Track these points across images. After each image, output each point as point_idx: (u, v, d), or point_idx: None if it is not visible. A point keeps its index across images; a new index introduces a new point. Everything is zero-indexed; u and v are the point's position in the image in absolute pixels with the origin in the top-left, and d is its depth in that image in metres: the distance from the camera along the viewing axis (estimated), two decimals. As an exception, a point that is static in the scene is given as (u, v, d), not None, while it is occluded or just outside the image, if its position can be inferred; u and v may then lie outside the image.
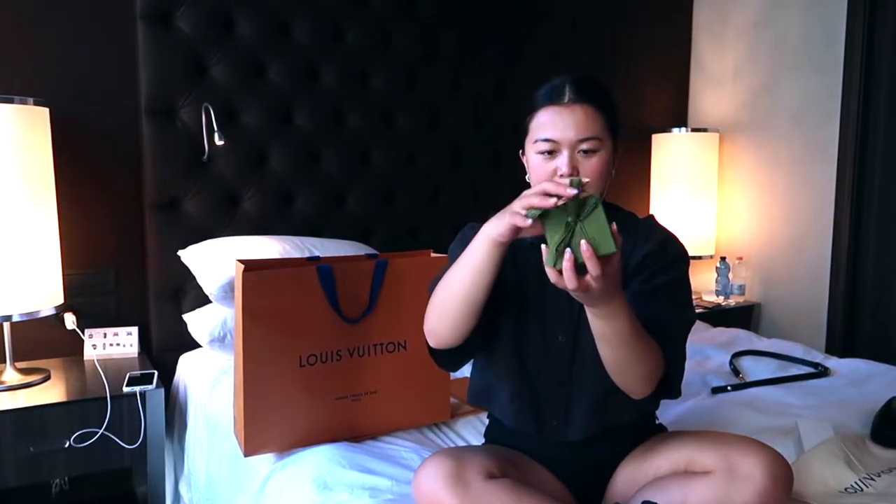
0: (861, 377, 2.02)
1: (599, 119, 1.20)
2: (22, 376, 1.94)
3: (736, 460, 1.14)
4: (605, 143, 1.20)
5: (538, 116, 1.22)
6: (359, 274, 1.55)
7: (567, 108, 1.19)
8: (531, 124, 1.24)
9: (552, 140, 1.19)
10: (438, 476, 1.13)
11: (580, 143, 1.18)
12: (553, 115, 1.20)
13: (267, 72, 2.32)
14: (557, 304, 1.25)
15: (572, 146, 1.19)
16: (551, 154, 1.20)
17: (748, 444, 1.18)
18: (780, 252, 3.07)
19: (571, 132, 1.18)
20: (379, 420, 1.60)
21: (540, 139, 1.20)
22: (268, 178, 2.34)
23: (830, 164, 2.84)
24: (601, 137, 1.20)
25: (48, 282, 1.90)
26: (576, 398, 1.26)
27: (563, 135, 1.19)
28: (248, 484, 1.55)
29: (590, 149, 1.19)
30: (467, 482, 1.13)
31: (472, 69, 2.71)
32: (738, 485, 1.12)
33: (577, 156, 1.19)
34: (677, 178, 3.17)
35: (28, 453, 1.77)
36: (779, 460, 1.15)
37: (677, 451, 1.23)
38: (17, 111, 1.81)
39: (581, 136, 1.18)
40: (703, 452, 1.19)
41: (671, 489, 1.17)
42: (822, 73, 2.86)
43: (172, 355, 2.19)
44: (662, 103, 3.37)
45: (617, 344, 1.09)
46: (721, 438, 1.24)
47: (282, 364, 1.47)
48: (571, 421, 1.27)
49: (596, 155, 1.20)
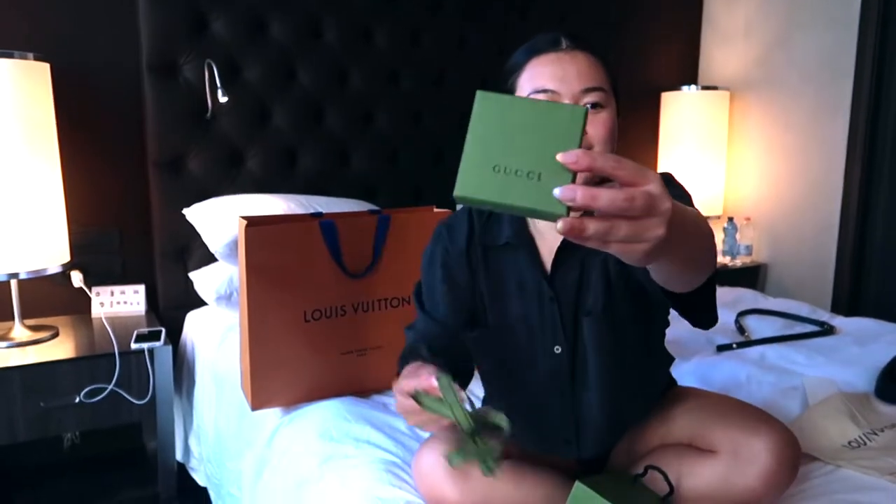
0: (866, 335, 2.01)
1: (603, 70, 1.05)
2: (31, 333, 1.96)
3: (743, 441, 1.08)
4: (610, 98, 1.05)
5: (528, 69, 1.05)
6: (361, 229, 1.54)
7: (566, 52, 1.03)
8: (519, 79, 1.06)
9: (550, 90, 1.01)
10: (438, 464, 1.12)
11: (584, 93, 1.01)
12: (551, 63, 1.02)
13: (269, 28, 2.29)
14: (543, 312, 1.10)
15: (575, 98, 1.01)
16: None
17: (758, 423, 1.10)
18: (788, 212, 3.04)
19: (575, 80, 1.01)
20: (384, 375, 1.61)
21: (534, 92, 1.02)
22: (271, 136, 2.32)
23: (842, 124, 2.79)
24: (607, 90, 1.04)
25: (54, 239, 1.91)
26: (584, 413, 1.15)
27: (565, 83, 1.01)
28: (255, 438, 1.57)
29: (597, 101, 1.02)
30: (466, 473, 1.11)
31: (478, 26, 2.66)
32: (742, 467, 1.06)
33: None
34: (686, 138, 3.13)
35: (39, 408, 1.79)
36: (787, 441, 1.08)
37: (684, 424, 1.17)
38: (18, 66, 1.79)
39: (586, 84, 1.01)
40: (709, 429, 1.13)
41: (671, 465, 1.12)
42: (836, 30, 2.79)
43: (179, 313, 2.20)
44: (672, 60, 3.31)
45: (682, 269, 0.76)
46: (729, 414, 1.14)
47: (286, 319, 1.48)
48: (583, 438, 1.18)
49: (603, 111, 1.03)
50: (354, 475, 1.27)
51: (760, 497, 1.07)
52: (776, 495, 1.10)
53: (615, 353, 1.11)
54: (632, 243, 0.59)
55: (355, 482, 1.25)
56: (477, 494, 1.10)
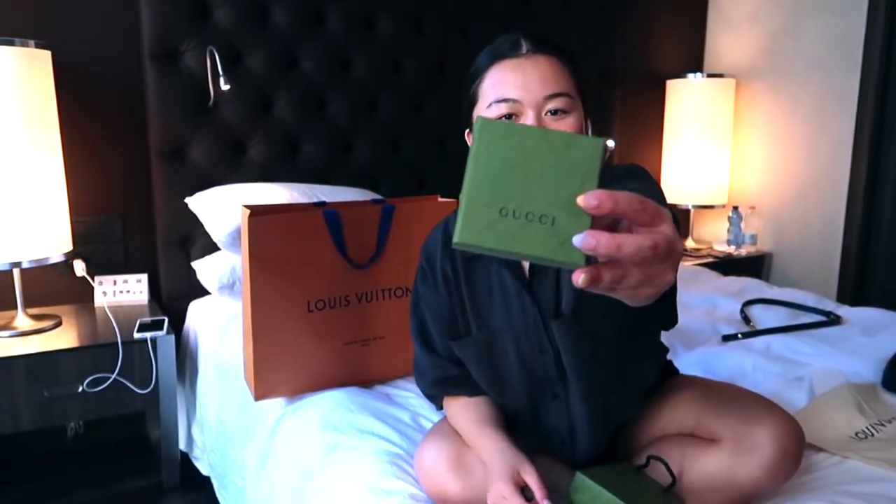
0: (873, 325, 2.00)
1: (567, 74, 1.01)
2: (34, 322, 1.95)
3: (746, 431, 1.06)
4: (576, 103, 1.00)
5: (491, 75, 1.01)
6: (365, 219, 1.53)
7: (528, 58, 0.99)
8: (480, 88, 1.03)
9: (512, 100, 0.98)
10: (441, 460, 1.13)
11: (548, 100, 0.98)
12: (511, 70, 0.99)
13: (271, 14, 2.26)
14: (526, 317, 1.10)
15: (538, 106, 0.98)
16: (511, 119, 0.98)
17: (761, 411, 1.09)
18: (793, 202, 3.02)
19: (536, 87, 0.97)
20: (387, 365, 1.61)
21: (496, 101, 0.99)
22: (274, 124, 2.31)
23: (849, 113, 2.77)
24: (572, 95, 0.99)
25: (56, 228, 1.90)
26: (575, 413, 1.14)
27: (526, 92, 0.97)
28: (258, 428, 1.57)
29: (560, 108, 0.98)
30: (468, 466, 1.11)
31: (481, 14, 2.63)
32: (744, 457, 1.05)
33: (546, 118, 0.98)
34: (691, 126, 3.10)
35: (42, 397, 1.79)
36: (791, 431, 1.07)
37: (686, 412, 1.16)
38: (19, 54, 1.78)
39: (549, 91, 0.97)
40: (712, 418, 1.12)
41: (673, 455, 1.11)
42: (844, 17, 2.76)
43: (182, 303, 2.20)
44: (677, 48, 3.28)
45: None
46: (732, 403, 1.13)
47: (290, 309, 1.47)
48: (577, 440, 1.17)
49: (568, 117, 0.99)
50: (357, 466, 1.26)
51: (763, 487, 1.07)
52: (779, 485, 1.09)
53: (590, 353, 1.09)
54: (640, 288, 0.56)
55: (358, 474, 1.24)
56: (479, 489, 1.09)
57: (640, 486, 1.08)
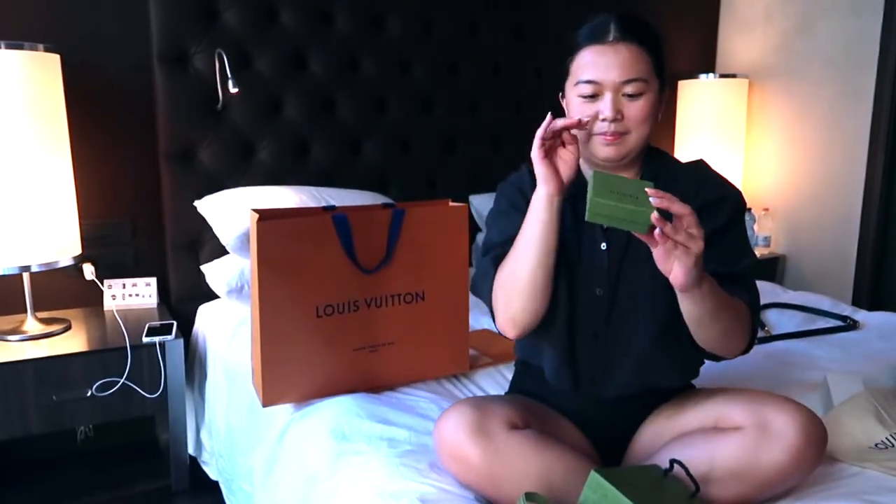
0: (891, 330, 1.97)
1: (645, 59, 1.14)
2: (43, 326, 1.95)
3: (768, 417, 1.11)
4: (651, 84, 1.15)
5: (580, 57, 1.16)
6: (375, 223, 1.51)
7: (611, 47, 1.13)
8: (572, 65, 1.18)
9: (594, 82, 1.13)
10: (461, 426, 1.12)
11: (624, 84, 1.13)
12: (596, 55, 1.14)
13: (280, 16, 2.25)
14: (595, 256, 1.20)
15: (616, 88, 1.13)
16: (593, 98, 1.14)
17: (781, 402, 1.14)
18: (807, 203, 2.98)
19: (615, 73, 1.12)
20: (397, 371, 1.59)
21: (581, 81, 1.15)
22: (283, 126, 2.30)
23: (865, 113, 2.73)
24: (647, 79, 1.14)
25: (65, 232, 1.89)
26: (615, 354, 1.22)
27: (607, 76, 1.13)
28: (266, 434, 1.55)
29: (634, 92, 1.13)
30: (490, 433, 1.11)
31: (491, 13, 2.61)
32: (768, 442, 1.09)
33: (621, 99, 1.14)
34: (703, 127, 3.07)
35: (51, 401, 1.79)
36: (813, 420, 1.12)
37: (707, 407, 1.20)
38: (28, 57, 1.77)
39: (625, 77, 1.12)
40: (733, 408, 1.16)
41: (698, 446, 1.14)
42: (859, 15, 2.72)
43: (191, 306, 2.19)
44: (689, 48, 3.25)
45: (709, 323, 1.08)
46: (753, 395, 1.19)
47: (298, 314, 1.45)
48: (610, 377, 1.23)
49: (641, 98, 1.14)
50: (365, 472, 1.24)
51: (788, 474, 1.10)
52: (803, 474, 1.12)
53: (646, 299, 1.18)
54: (686, 247, 0.96)
55: (366, 479, 1.22)
56: (499, 455, 1.10)
57: (662, 491, 1.06)
